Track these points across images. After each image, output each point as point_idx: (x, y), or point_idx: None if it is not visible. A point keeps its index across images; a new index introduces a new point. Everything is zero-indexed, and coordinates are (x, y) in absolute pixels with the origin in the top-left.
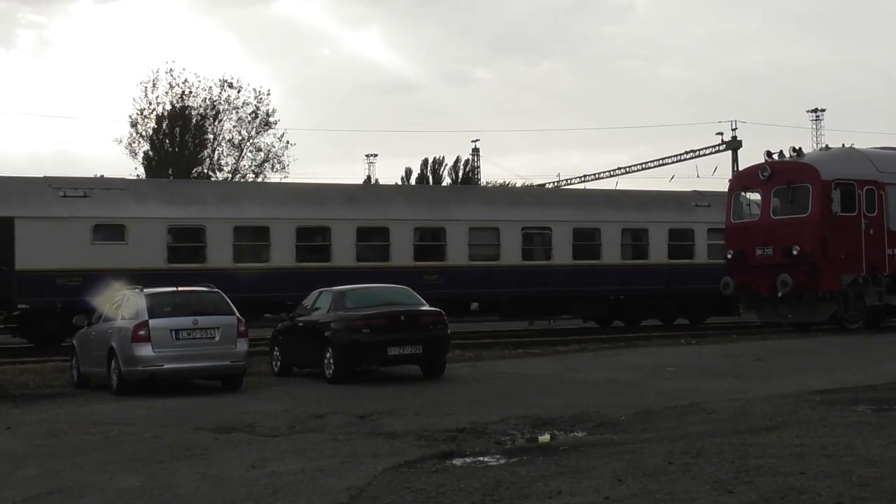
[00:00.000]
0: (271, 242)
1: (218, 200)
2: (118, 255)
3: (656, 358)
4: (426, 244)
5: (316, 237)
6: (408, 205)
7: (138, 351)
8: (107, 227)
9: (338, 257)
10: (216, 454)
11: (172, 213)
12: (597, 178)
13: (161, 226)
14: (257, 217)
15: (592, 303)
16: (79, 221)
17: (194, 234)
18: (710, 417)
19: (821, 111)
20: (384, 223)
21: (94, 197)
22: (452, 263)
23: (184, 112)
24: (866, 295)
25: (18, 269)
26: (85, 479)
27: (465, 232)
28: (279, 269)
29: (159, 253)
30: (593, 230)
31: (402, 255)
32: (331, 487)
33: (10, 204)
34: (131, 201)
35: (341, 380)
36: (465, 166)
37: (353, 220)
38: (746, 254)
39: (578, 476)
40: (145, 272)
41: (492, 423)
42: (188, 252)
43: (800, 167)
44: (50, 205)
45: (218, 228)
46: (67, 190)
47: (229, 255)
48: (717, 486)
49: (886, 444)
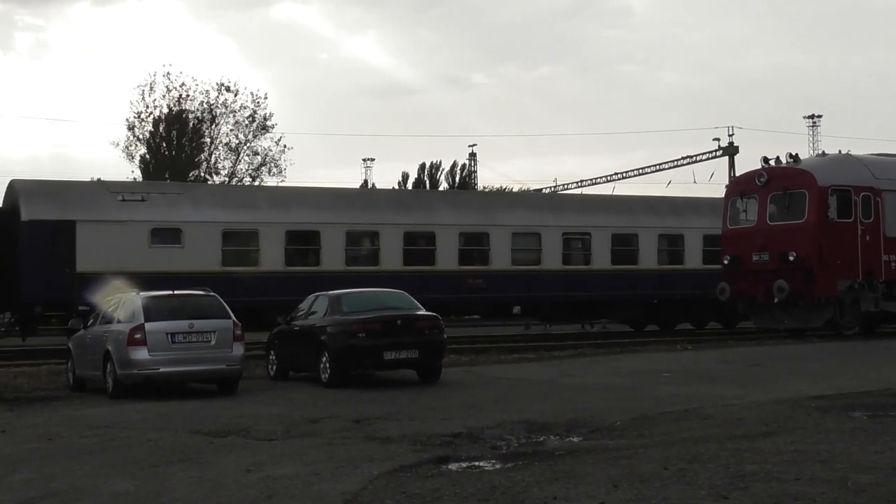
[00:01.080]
0: (322, 246)
1: (270, 205)
2: (174, 258)
3: (652, 363)
4: (471, 249)
5: (365, 241)
6: (453, 210)
7: (134, 354)
8: (164, 231)
9: (385, 261)
10: (211, 458)
11: (227, 217)
12: (593, 184)
13: (216, 230)
14: (308, 221)
15: (630, 307)
16: (137, 225)
17: (248, 237)
18: (705, 423)
19: (817, 117)
20: (431, 228)
21: (151, 201)
22: (496, 268)
23: (181, 115)
24: (862, 301)
25: (80, 271)
26: (80, 482)
27: (508, 237)
28: (329, 272)
29: (214, 256)
30: (631, 236)
31: (447, 259)
32: (326, 492)
33: (71, 207)
34: (187, 205)
35: (337, 384)
36: (462, 171)
37: (401, 225)
38: (743, 259)
39: (574, 481)
40: (200, 275)
41: (487, 428)
42: (242, 255)
43: (796, 173)
44: (109, 208)
45: (270, 232)
46: (125, 194)
47: (281, 259)
48: (712, 491)
49: (881, 450)
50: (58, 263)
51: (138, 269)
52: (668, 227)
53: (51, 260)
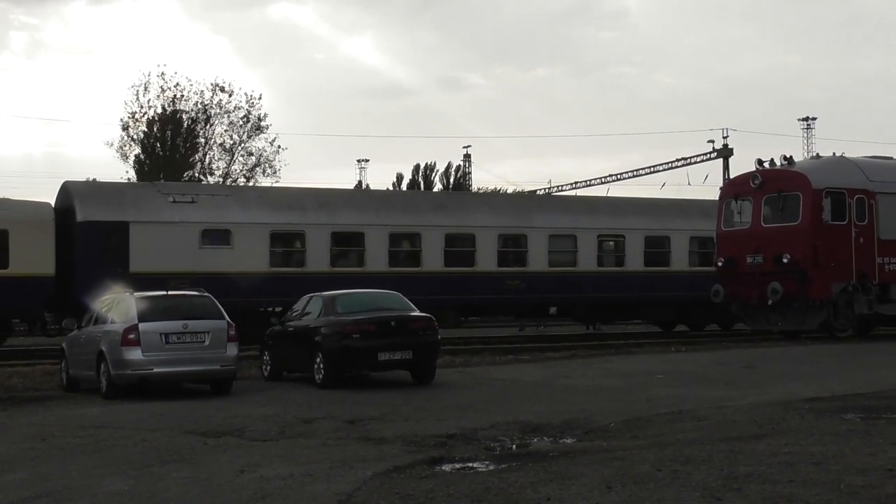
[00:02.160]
0: (366, 248)
1: (316, 207)
2: (224, 258)
3: (647, 365)
4: (509, 250)
5: (407, 243)
6: (492, 212)
7: (128, 354)
8: (214, 232)
9: (427, 262)
10: (205, 458)
11: (274, 219)
12: (588, 185)
13: (264, 231)
14: (353, 223)
15: (662, 308)
16: (188, 226)
17: (295, 239)
18: (699, 424)
19: (812, 119)
20: (471, 230)
21: (201, 203)
22: (533, 269)
23: (175, 116)
24: (856, 303)
25: (132, 271)
26: (73, 482)
27: (546, 239)
28: (373, 273)
29: (262, 257)
30: (663, 238)
31: (487, 261)
32: (320, 493)
33: (124, 209)
34: (236, 207)
35: (331, 385)
36: (457, 172)
37: (442, 227)
38: (737, 261)
39: (567, 483)
40: (249, 275)
41: (481, 430)
42: (288, 256)
43: (790, 175)
44: (161, 210)
45: (316, 234)
46: (176, 195)
47: (326, 260)
48: (705, 493)
49: (875, 452)
50: (111, 264)
51: (189, 269)
52: (698, 230)
53: (105, 260)
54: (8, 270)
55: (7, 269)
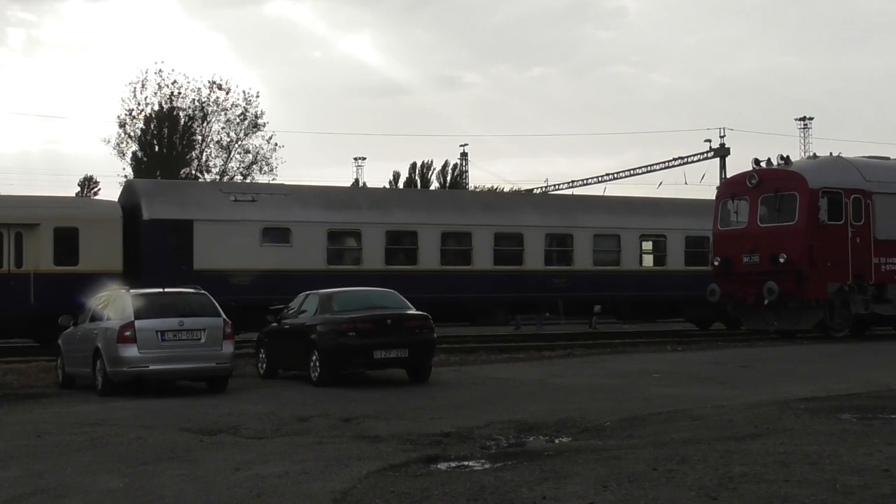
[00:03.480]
0: (418, 246)
1: (371, 206)
2: (283, 256)
3: (642, 364)
4: (555, 250)
5: (458, 242)
6: (539, 212)
7: (124, 352)
8: (274, 230)
9: (477, 261)
10: (200, 456)
11: (331, 218)
12: (585, 184)
13: (322, 229)
14: (406, 222)
15: (701, 307)
16: (249, 224)
17: (351, 237)
18: (694, 424)
19: (809, 119)
20: (519, 229)
21: (261, 201)
22: (579, 268)
23: (172, 113)
24: (852, 303)
25: (196, 268)
26: (68, 480)
27: (590, 239)
28: (425, 271)
29: (320, 255)
30: (703, 238)
31: (534, 259)
32: (315, 490)
33: (188, 207)
34: (295, 206)
35: (327, 383)
36: (454, 171)
37: (492, 226)
38: (733, 261)
39: (563, 481)
40: (307, 273)
41: (477, 428)
42: (345, 254)
43: (787, 175)
44: (223, 208)
45: (372, 232)
46: (237, 195)
47: (381, 258)
48: (701, 492)
49: (870, 452)
50: (176, 261)
51: (250, 266)
52: None
53: (170, 257)
54: (78, 267)
55: (77, 265)
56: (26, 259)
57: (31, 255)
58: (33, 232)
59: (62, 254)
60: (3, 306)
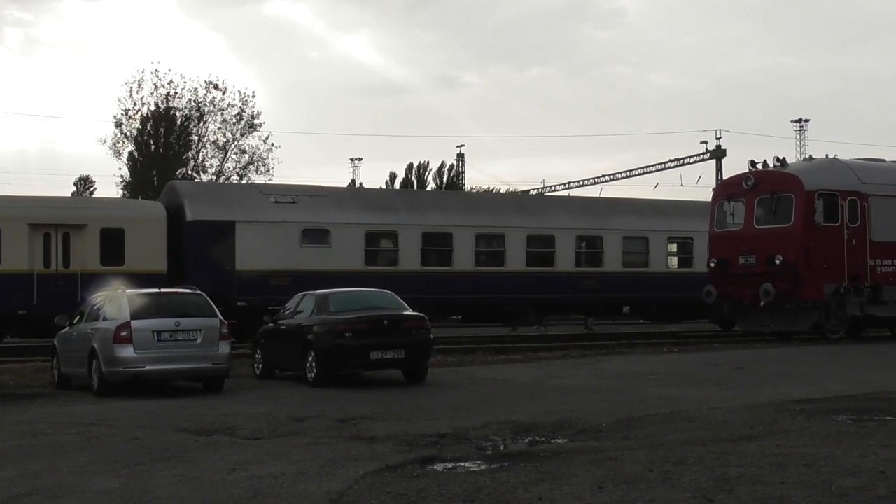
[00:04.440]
0: (454, 247)
1: (408, 208)
2: (323, 257)
3: (638, 365)
4: (586, 251)
5: (492, 243)
6: (570, 214)
7: (120, 352)
8: (313, 232)
9: (510, 262)
10: (196, 456)
11: (369, 220)
12: (581, 185)
13: (360, 231)
14: (441, 224)
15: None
16: (289, 226)
17: (388, 238)
18: (690, 425)
19: (805, 121)
20: (551, 231)
21: (301, 203)
22: (608, 270)
23: (168, 113)
24: (848, 305)
25: (238, 269)
26: (64, 480)
27: (620, 241)
28: (460, 272)
29: (358, 256)
30: None
31: (565, 261)
32: (311, 491)
33: (231, 208)
34: (334, 208)
35: (323, 383)
36: (450, 171)
37: (524, 228)
38: (729, 262)
39: (559, 483)
40: (346, 274)
41: (473, 429)
42: (382, 255)
43: (783, 177)
44: (264, 210)
45: (408, 234)
46: (277, 196)
47: (417, 259)
48: (697, 494)
49: (866, 453)
50: (219, 261)
51: (290, 267)
52: None
53: (212, 258)
54: (124, 267)
55: (123, 265)
56: (73, 259)
57: (79, 256)
58: (80, 233)
59: (108, 254)
60: (52, 306)
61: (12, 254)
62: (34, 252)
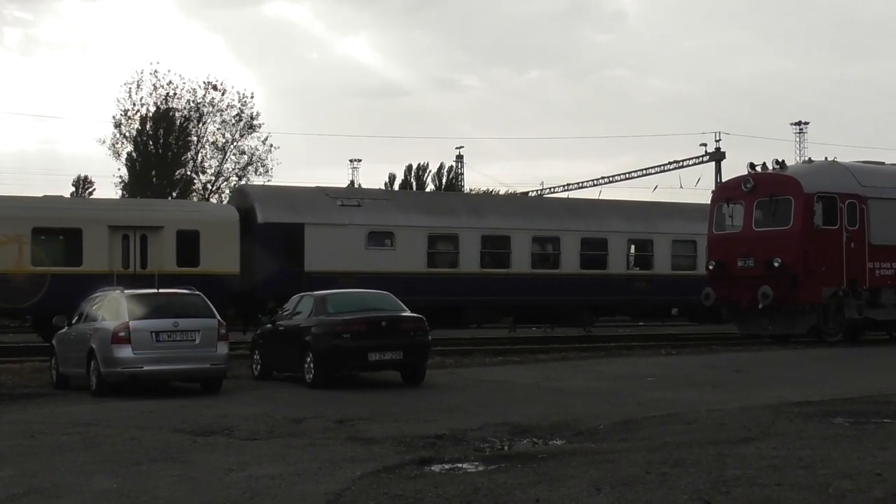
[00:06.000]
0: (511, 250)
1: (467, 211)
2: (387, 259)
3: (636, 368)
4: (637, 254)
5: (547, 246)
6: (622, 218)
7: (118, 352)
8: (378, 234)
9: (566, 265)
10: (194, 457)
11: (431, 222)
12: (580, 188)
13: (422, 233)
14: (500, 227)
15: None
16: (355, 228)
17: (449, 241)
18: (688, 427)
19: (804, 124)
20: (604, 235)
21: (365, 206)
22: (658, 272)
23: (167, 114)
24: (846, 308)
25: (307, 270)
26: (62, 480)
27: (669, 244)
28: (517, 274)
29: (420, 258)
30: None
31: (618, 264)
32: (309, 492)
33: (300, 212)
34: (397, 211)
35: (321, 384)
36: (449, 173)
37: (579, 232)
38: (728, 265)
39: (556, 484)
40: (409, 275)
41: (471, 431)
42: (443, 257)
43: (782, 180)
44: (331, 213)
45: (468, 236)
46: (343, 199)
47: (477, 261)
48: (694, 496)
49: (863, 456)
50: (289, 263)
51: (356, 269)
52: None
53: (283, 260)
54: (199, 269)
55: (198, 267)
56: (151, 260)
57: (156, 257)
58: (157, 234)
59: (184, 255)
60: None
61: (93, 255)
62: (114, 253)
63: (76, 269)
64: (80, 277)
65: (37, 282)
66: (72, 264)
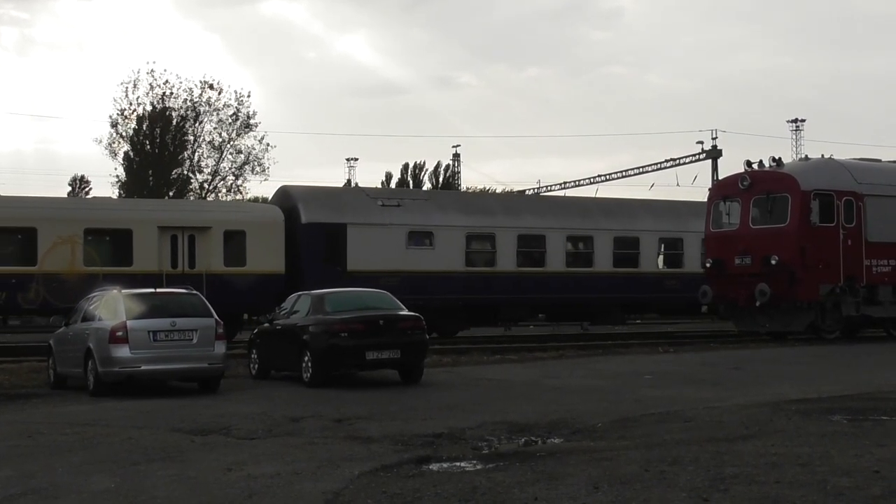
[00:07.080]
0: (546, 249)
1: (504, 211)
2: (427, 258)
3: (634, 365)
4: (667, 253)
5: (582, 245)
6: (653, 217)
7: (115, 352)
8: (418, 234)
9: (598, 263)
10: (192, 456)
11: (470, 222)
12: (577, 186)
13: (461, 233)
14: (535, 226)
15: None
16: (396, 228)
17: (486, 240)
18: (686, 425)
19: (801, 121)
20: (636, 233)
21: (405, 206)
22: (688, 271)
23: (164, 113)
24: (843, 305)
25: (349, 269)
26: (60, 480)
27: (699, 242)
28: (553, 273)
29: (459, 257)
30: None
31: (649, 262)
32: (307, 491)
33: (342, 212)
34: (436, 211)
35: (319, 383)
36: (446, 171)
37: (611, 231)
38: (725, 263)
39: (554, 483)
40: (448, 274)
41: (469, 429)
42: (481, 257)
43: (779, 177)
44: (372, 213)
45: (505, 236)
46: (384, 200)
47: (513, 260)
48: (692, 493)
49: (861, 453)
50: (332, 262)
51: (397, 268)
52: None
53: (326, 259)
54: (245, 268)
55: (244, 266)
56: (199, 260)
57: (203, 257)
58: (205, 235)
59: (231, 255)
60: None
61: (143, 255)
62: (163, 253)
63: (127, 268)
64: (130, 277)
65: (89, 282)
66: (122, 264)
